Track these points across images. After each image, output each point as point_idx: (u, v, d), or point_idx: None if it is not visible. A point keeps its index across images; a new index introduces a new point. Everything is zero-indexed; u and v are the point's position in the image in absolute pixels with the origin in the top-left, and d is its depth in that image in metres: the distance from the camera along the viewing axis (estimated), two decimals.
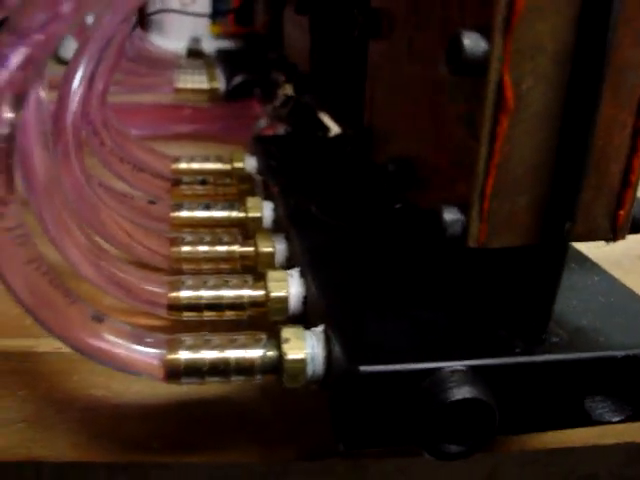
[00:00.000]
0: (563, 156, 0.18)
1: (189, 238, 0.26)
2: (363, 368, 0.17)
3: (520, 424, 0.19)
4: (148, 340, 0.20)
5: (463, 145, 0.18)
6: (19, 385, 0.24)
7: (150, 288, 0.23)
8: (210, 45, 0.71)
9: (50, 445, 0.25)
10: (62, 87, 0.29)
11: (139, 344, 0.19)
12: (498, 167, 0.18)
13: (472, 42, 0.16)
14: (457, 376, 0.18)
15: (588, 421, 0.19)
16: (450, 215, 0.18)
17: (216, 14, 0.72)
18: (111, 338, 0.19)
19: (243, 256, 0.26)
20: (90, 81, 0.31)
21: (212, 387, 0.24)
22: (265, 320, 0.23)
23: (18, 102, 0.16)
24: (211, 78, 0.53)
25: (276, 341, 0.20)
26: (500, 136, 0.17)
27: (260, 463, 0.26)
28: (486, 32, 0.16)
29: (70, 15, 0.16)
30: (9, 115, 0.16)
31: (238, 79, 0.49)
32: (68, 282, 0.20)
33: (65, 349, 0.24)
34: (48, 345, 0.24)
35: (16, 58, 0.15)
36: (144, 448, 0.25)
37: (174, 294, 0.22)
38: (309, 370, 0.19)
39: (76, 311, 0.19)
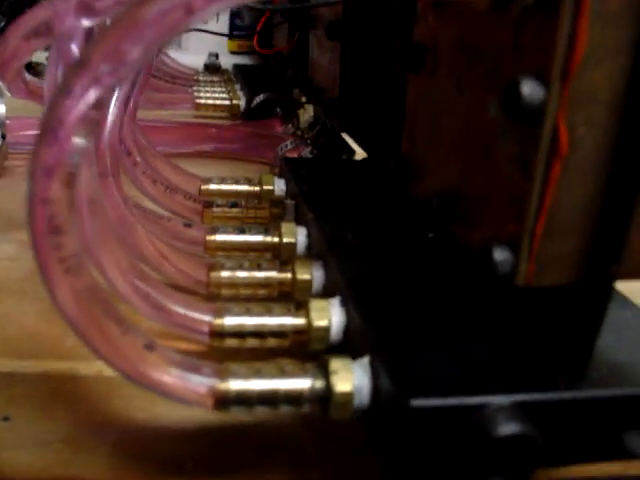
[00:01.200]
0: (612, 200, 0.18)
1: (228, 264, 0.26)
2: (414, 402, 0.18)
3: (559, 456, 0.20)
4: (197, 369, 0.20)
5: (515, 186, 0.19)
6: (58, 407, 0.24)
7: (190, 313, 0.24)
8: (227, 60, 0.72)
9: (86, 465, 0.25)
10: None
11: (189, 373, 0.20)
12: (549, 209, 0.18)
13: (530, 89, 0.17)
14: (504, 411, 0.18)
15: (625, 455, 0.20)
16: (500, 255, 0.19)
17: (233, 31, 0.72)
18: (162, 367, 0.19)
19: (280, 282, 0.26)
20: (125, 103, 0.31)
21: None
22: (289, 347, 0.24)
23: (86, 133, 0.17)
24: (232, 95, 0.54)
25: (323, 371, 0.20)
26: (553, 180, 0.18)
27: None
28: (544, 79, 0.17)
29: (136, 62, 0.16)
30: (80, 142, 0.17)
31: (260, 98, 0.49)
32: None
33: (106, 372, 0.24)
34: (89, 368, 0.24)
35: (90, 97, 0.16)
36: (179, 469, 0.25)
37: (219, 321, 0.23)
38: (356, 402, 0.20)
39: (128, 340, 0.19)
